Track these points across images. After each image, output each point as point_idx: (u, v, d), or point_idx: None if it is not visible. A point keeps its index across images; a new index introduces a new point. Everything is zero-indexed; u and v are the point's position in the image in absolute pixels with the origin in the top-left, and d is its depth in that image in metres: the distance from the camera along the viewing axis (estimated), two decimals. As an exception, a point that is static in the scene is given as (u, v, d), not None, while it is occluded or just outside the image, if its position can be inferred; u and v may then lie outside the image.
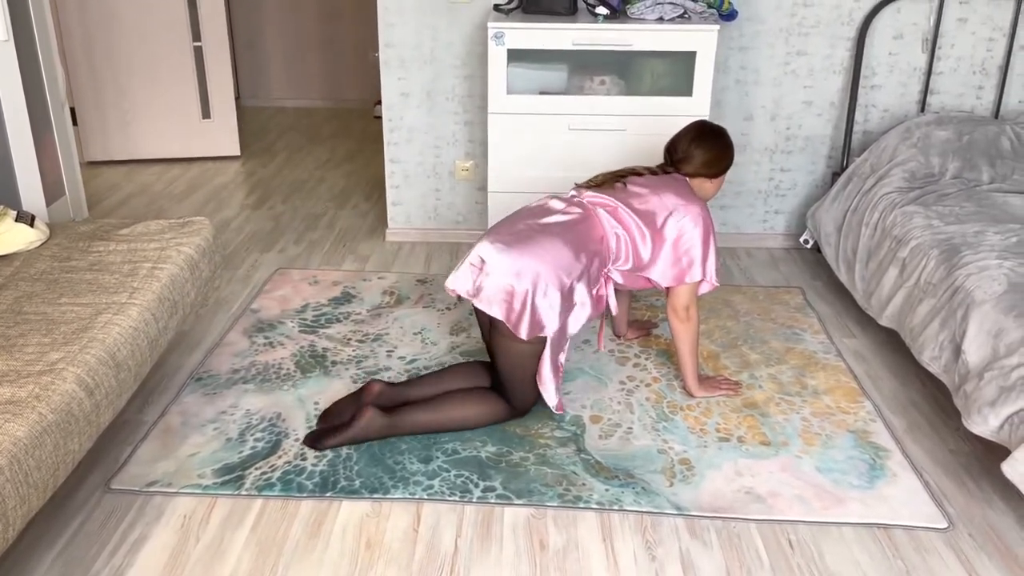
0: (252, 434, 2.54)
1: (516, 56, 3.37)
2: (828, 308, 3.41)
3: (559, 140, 3.45)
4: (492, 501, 2.28)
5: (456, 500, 2.28)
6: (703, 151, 2.66)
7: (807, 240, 3.73)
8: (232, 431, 2.55)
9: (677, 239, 2.56)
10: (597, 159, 3.42)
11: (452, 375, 2.67)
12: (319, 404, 2.69)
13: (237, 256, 3.84)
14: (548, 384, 2.50)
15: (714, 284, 2.65)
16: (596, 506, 2.27)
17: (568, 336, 2.52)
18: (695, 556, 2.11)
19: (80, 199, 4.02)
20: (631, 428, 2.60)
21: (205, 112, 5.16)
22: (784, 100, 3.79)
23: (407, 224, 4.04)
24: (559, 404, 2.56)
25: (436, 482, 2.34)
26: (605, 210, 2.55)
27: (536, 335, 2.41)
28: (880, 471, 2.43)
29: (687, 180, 2.67)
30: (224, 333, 3.13)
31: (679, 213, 2.55)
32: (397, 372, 2.88)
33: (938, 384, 2.84)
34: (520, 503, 2.27)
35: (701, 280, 2.62)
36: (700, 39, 3.30)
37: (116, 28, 4.86)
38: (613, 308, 2.62)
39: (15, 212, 2.77)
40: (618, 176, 2.66)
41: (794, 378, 2.88)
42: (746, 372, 2.92)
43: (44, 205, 3.56)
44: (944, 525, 2.22)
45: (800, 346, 3.09)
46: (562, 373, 2.57)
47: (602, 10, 3.34)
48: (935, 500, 2.31)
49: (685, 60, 3.35)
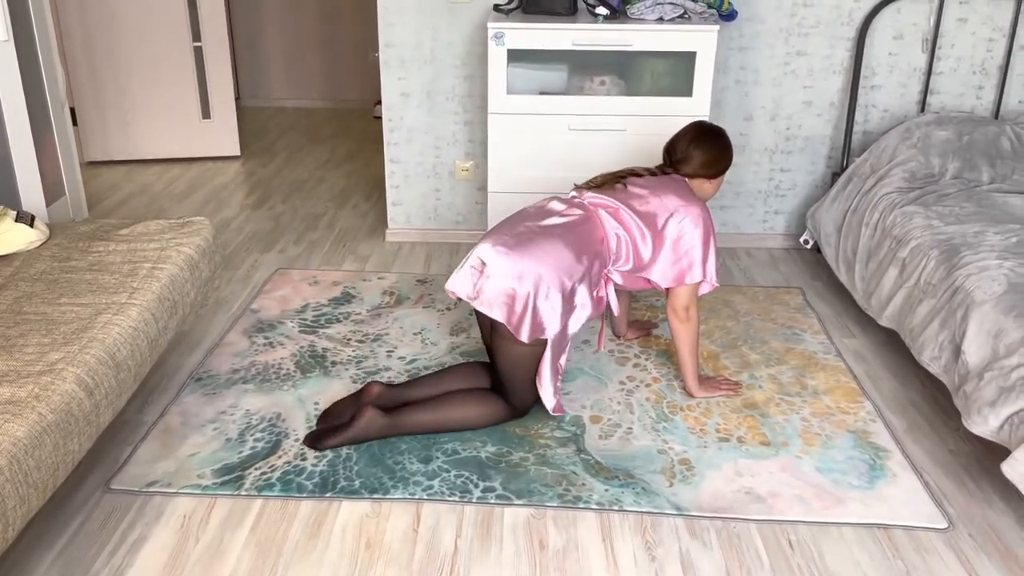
0: (252, 434, 2.54)
1: (516, 56, 3.37)
2: (828, 308, 3.41)
3: (559, 140, 3.45)
4: (492, 501, 2.28)
5: (456, 500, 2.28)
6: (702, 152, 2.66)
7: (807, 240, 3.73)
8: (232, 431, 2.55)
9: (677, 240, 2.56)
10: (597, 159, 3.42)
11: (452, 376, 2.67)
12: (319, 404, 2.69)
13: (237, 256, 3.84)
14: (547, 386, 2.50)
15: (714, 285, 2.65)
16: (596, 506, 2.27)
17: (569, 338, 2.52)
18: (695, 556, 2.11)
19: (80, 199, 4.01)
20: (631, 428, 2.60)
21: (205, 112, 5.16)
22: (784, 100, 3.79)
23: (407, 224, 4.04)
24: (557, 406, 2.56)
25: (436, 482, 2.34)
26: (606, 211, 2.55)
27: (537, 337, 2.41)
28: (880, 471, 2.42)
29: (686, 181, 2.67)
30: (224, 333, 3.13)
31: (680, 214, 2.55)
32: (397, 372, 2.88)
33: (938, 384, 2.84)
34: (520, 503, 2.27)
35: (701, 281, 2.62)
36: (700, 39, 3.30)
37: (116, 28, 4.86)
38: (615, 308, 2.61)
39: (15, 212, 2.77)
40: (618, 177, 2.66)
41: (794, 378, 2.88)
42: (746, 372, 2.92)
43: (44, 205, 3.56)
44: (944, 525, 2.22)
45: (800, 346, 3.09)
46: (562, 375, 2.57)
47: (602, 10, 3.34)
48: (935, 500, 2.31)
49: (685, 60, 3.35)
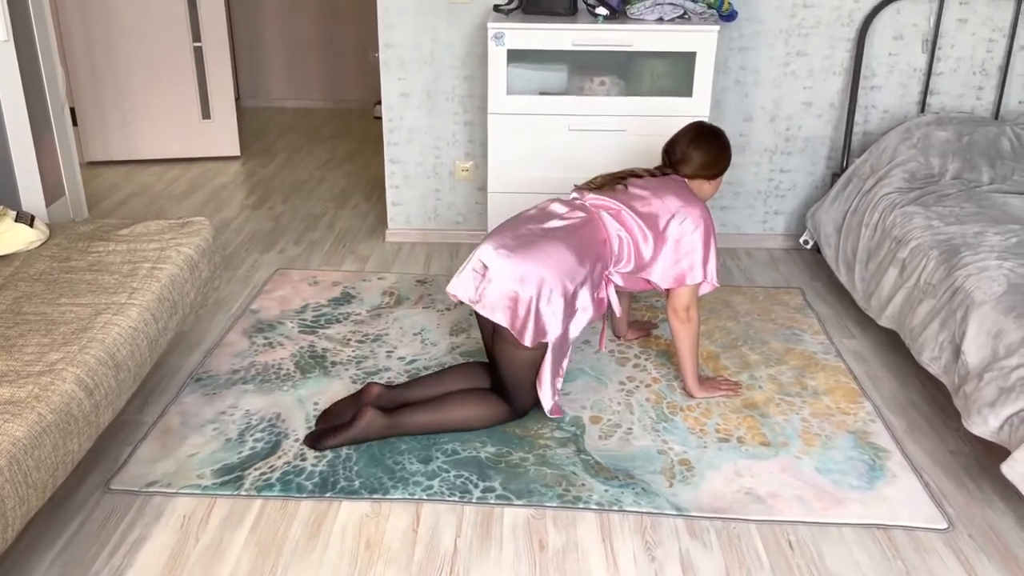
0: (252, 434, 2.53)
1: (516, 56, 3.37)
2: (828, 309, 3.41)
3: (559, 140, 3.45)
4: (492, 502, 2.28)
5: (456, 500, 2.28)
6: (701, 152, 2.65)
7: (807, 241, 3.73)
8: (232, 431, 2.55)
9: (678, 241, 2.56)
10: (597, 159, 3.42)
11: (452, 376, 2.67)
12: (319, 404, 2.68)
13: (237, 256, 3.84)
14: (546, 389, 2.50)
15: (715, 285, 2.65)
16: (596, 507, 2.27)
17: (570, 342, 2.51)
18: (695, 557, 2.11)
19: (80, 199, 4.01)
20: (631, 429, 2.60)
21: (205, 112, 5.16)
22: (784, 101, 3.79)
23: (407, 224, 4.04)
24: (555, 408, 2.56)
25: (436, 482, 2.34)
26: (608, 213, 2.55)
27: (539, 341, 2.41)
28: (880, 472, 2.42)
29: (686, 181, 2.67)
30: (224, 333, 3.12)
31: (681, 215, 2.55)
32: (397, 372, 2.88)
33: (938, 385, 2.84)
34: (520, 503, 2.27)
35: (702, 281, 2.62)
36: (700, 40, 3.30)
37: (116, 28, 4.86)
38: (616, 309, 2.61)
39: (15, 212, 2.77)
40: (618, 178, 2.66)
41: (794, 379, 2.88)
42: (746, 373, 2.91)
43: (44, 205, 3.56)
44: (944, 526, 2.22)
45: (800, 347, 3.09)
46: (562, 377, 2.57)
47: (602, 10, 3.34)
48: (935, 501, 2.31)
49: (685, 61, 3.35)
